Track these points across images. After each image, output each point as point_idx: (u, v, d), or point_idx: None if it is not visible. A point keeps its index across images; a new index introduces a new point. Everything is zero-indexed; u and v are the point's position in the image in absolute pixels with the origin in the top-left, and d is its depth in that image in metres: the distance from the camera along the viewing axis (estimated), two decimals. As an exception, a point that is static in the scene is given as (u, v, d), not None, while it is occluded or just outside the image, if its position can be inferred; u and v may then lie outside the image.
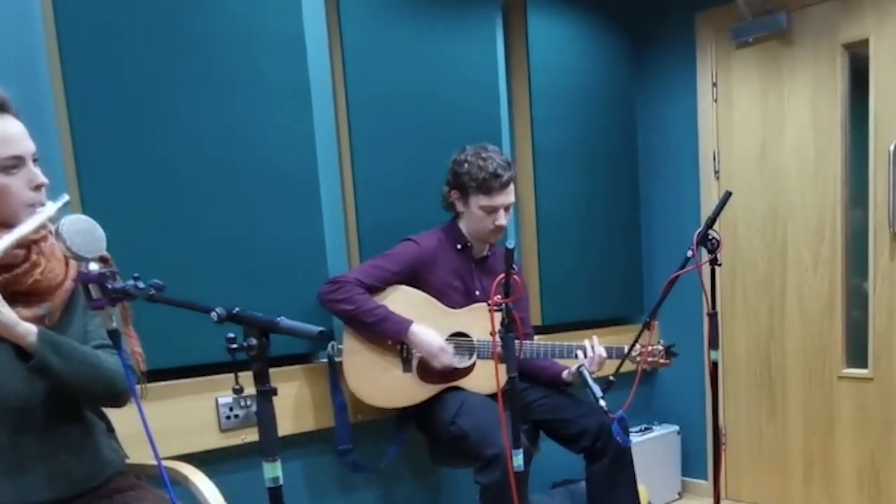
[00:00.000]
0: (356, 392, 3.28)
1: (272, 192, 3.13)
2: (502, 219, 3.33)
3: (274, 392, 1.86)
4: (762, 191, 4.63)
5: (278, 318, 1.83)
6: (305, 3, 3.23)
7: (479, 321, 3.32)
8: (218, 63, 2.97)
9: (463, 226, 3.44)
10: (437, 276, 3.36)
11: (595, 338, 3.37)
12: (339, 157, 3.47)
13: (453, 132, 3.65)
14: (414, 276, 3.33)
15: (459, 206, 3.39)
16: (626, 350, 3.30)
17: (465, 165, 3.28)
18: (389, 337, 3.23)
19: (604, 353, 3.33)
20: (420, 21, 3.66)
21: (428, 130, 3.68)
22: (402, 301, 3.28)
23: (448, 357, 3.26)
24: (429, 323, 3.27)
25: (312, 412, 3.34)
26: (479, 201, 3.29)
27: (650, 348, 3.32)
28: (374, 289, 3.23)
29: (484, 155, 3.28)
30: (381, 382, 3.29)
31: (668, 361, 3.41)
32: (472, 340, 3.36)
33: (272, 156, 3.12)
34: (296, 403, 3.28)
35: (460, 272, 3.44)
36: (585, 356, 3.32)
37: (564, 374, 3.49)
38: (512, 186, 3.35)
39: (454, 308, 3.38)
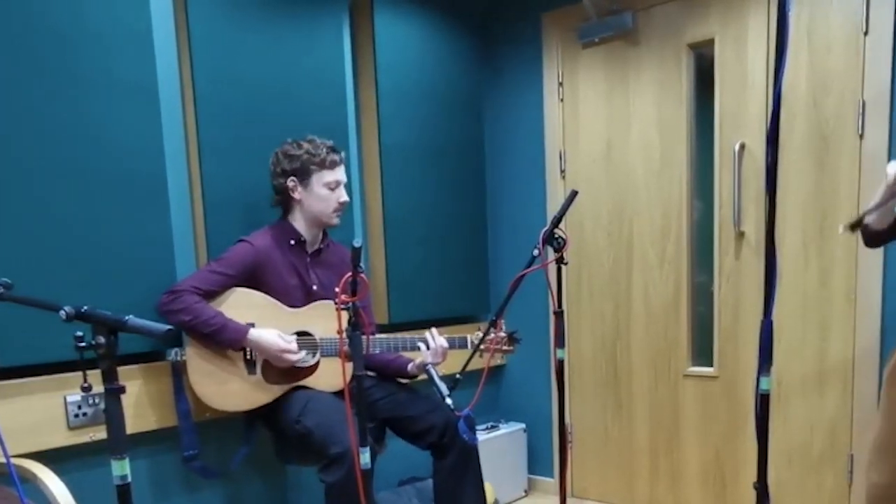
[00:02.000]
0: (202, 398, 3.07)
1: (120, 190, 2.98)
2: (345, 194, 3.25)
3: (122, 390, 1.85)
4: (608, 190, 4.36)
5: (126, 317, 1.82)
6: (154, 1, 3.07)
7: (321, 319, 3.19)
8: (65, 61, 2.80)
9: (296, 219, 3.27)
10: (273, 274, 3.18)
11: (434, 329, 3.27)
12: (188, 156, 3.30)
13: (301, 130, 3.43)
14: (251, 277, 3.13)
15: (298, 194, 3.21)
16: (468, 340, 3.26)
17: (301, 149, 3.18)
18: (229, 345, 3.04)
19: (445, 344, 3.23)
20: (268, 20, 3.48)
21: (276, 129, 3.46)
22: (241, 304, 3.09)
23: (292, 355, 3.10)
24: (270, 324, 3.11)
25: (157, 411, 3.18)
26: (323, 178, 3.18)
27: (493, 335, 3.22)
28: (213, 294, 3.04)
29: (310, 138, 3.22)
30: (226, 387, 3.10)
31: (511, 348, 3.28)
32: (314, 339, 3.20)
33: (120, 154, 2.97)
34: (141, 402, 3.13)
35: (296, 268, 3.26)
36: (428, 348, 3.22)
37: (410, 366, 3.37)
38: (344, 165, 3.31)
39: (294, 306, 3.21)
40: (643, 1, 4.08)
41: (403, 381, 3.48)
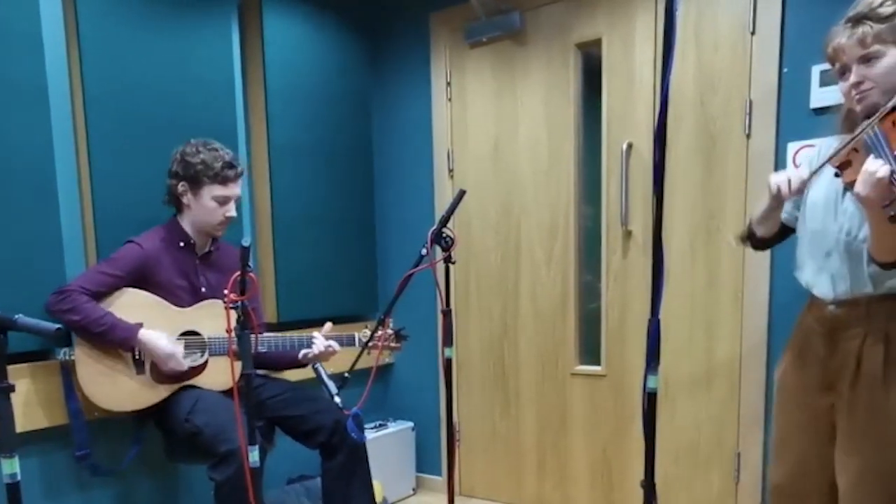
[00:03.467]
0: (91, 398, 2.92)
1: (9, 190, 2.82)
2: (233, 210, 3.09)
3: (11, 389, 1.84)
4: (496, 189, 4.07)
5: (16, 316, 1.80)
6: (43, 1, 2.90)
7: (209, 318, 3.05)
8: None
9: (185, 222, 3.11)
10: (162, 276, 3.03)
11: (318, 334, 3.16)
12: (77, 155, 3.12)
13: (190, 130, 3.28)
14: (140, 278, 2.98)
15: (186, 199, 3.05)
16: (356, 338, 3.20)
17: (199, 157, 2.99)
18: (118, 345, 2.90)
19: (334, 346, 3.14)
20: (157, 20, 3.30)
21: (165, 128, 3.31)
22: (129, 304, 2.95)
23: (176, 362, 2.95)
24: (158, 324, 2.96)
25: (46, 409, 3.02)
26: (213, 191, 3.02)
27: (380, 333, 3.09)
28: (101, 294, 2.89)
29: (213, 146, 3.04)
30: (115, 387, 2.95)
31: (398, 345, 3.26)
32: (202, 338, 3.06)
33: (9, 154, 2.81)
34: (29, 401, 2.97)
35: (185, 270, 3.10)
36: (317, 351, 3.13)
37: (301, 354, 3.18)
38: (240, 180, 3.12)
39: (182, 307, 3.06)
40: (531, 1, 3.81)
41: (297, 371, 3.35)
